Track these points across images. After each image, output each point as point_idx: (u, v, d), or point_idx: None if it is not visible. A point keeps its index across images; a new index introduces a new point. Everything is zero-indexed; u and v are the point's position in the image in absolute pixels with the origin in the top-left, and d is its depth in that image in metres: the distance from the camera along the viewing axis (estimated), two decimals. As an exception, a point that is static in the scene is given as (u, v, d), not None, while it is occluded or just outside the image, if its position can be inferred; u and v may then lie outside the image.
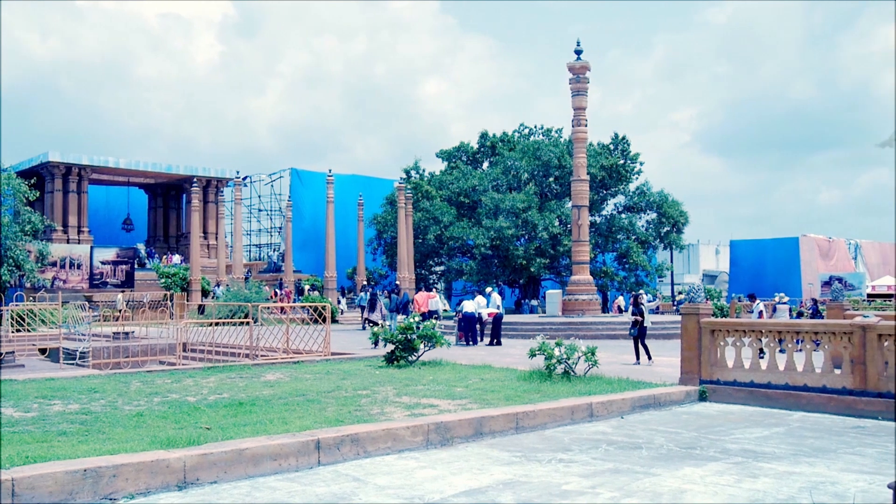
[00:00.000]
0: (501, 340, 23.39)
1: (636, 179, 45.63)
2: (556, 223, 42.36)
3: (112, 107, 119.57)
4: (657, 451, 8.60)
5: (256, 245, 62.92)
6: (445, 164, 49.91)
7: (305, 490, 6.93)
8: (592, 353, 13.28)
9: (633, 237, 44.34)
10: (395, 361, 15.84)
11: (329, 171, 45.95)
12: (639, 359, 17.15)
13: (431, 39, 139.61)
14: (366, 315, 28.21)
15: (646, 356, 17.19)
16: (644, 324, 17.48)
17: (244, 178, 55.21)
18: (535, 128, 49.96)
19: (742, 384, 12.36)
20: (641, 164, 45.65)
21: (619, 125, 79.59)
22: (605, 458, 8.22)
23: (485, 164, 49.31)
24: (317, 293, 42.33)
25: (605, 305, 40.12)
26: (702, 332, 12.90)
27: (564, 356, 13.30)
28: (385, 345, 16.84)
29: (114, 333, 23.07)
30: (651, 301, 37.25)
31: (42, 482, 6.19)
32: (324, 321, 19.11)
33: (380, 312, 25.35)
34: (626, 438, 9.36)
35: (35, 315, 26.86)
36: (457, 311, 25.40)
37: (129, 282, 42.44)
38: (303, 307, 25.42)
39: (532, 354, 13.72)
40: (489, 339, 23.42)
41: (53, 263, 39.97)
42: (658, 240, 45.52)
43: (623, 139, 45.51)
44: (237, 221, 46.53)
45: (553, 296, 31.82)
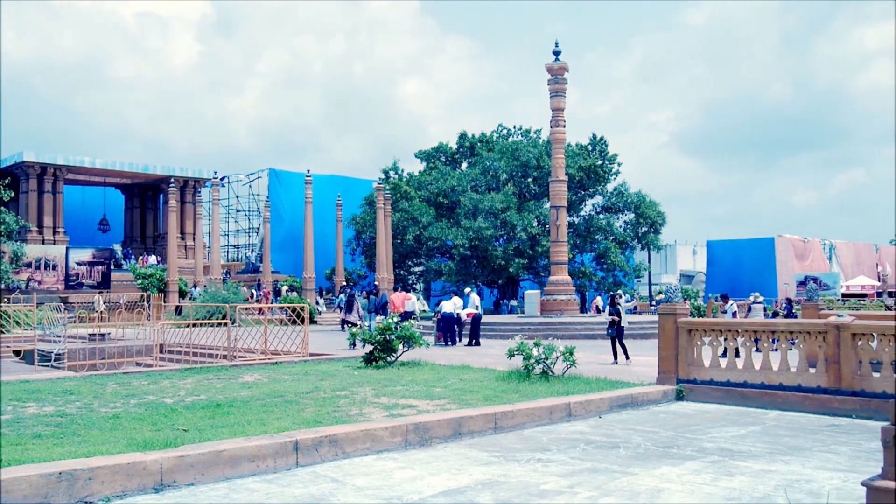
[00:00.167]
0: (480, 341, 23.41)
1: (614, 180, 45.84)
2: (535, 224, 42.46)
3: (88, 106, 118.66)
4: (635, 451, 8.64)
5: (234, 246, 62.65)
6: (424, 165, 49.89)
7: (283, 491, 6.91)
8: (570, 353, 13.33)
9: (611, 238, 44.51)
10: (374, 362, 15.81)
11: (307, 172, 45.81)
12: (616, 358, 17.23)
13: (411, 40, 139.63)
14: (343, 316, 28.13)
15: (623, 356, 17.27)
16: (621, 324, 17.58)
17: (222, 179, 54.95)
18: (514, 128, 50.06)
19: (719, 383, 12.45)
20: (619, 165, 45.86)
21: (598, 126, 79.79)
22: (583, 458, 8.25)
23: (464, 165, 49.34)
24: (295, 294, 42.20)
25: (584, 305, 40.29)
26: (679, 332, 12.98)
27: (543, 356, 13.34)
28: (363, 345, 16.81)
29: (90, 335, 22.87)
30: (628, 301, 37.45)
31: (16, 485, 6.12)
32: (302, 322, 19.05)
33: (357, 313, 25.29)
34: (604, 438, 9.40)
35: (9, 316, 26.58)
36: (435, 312, 25.40)
37: (106, 283, 42.06)
38: (281, 308, 25.32)
39: (510, 355, 13.75)
40: (468, 340, 23.43)
41: (28, 264, 39.53)
42: (636, 240, 45.72)
43: (601, 140, 45.67)
44: (215, 222, 46.29)
45: (531, 296, 31.89)
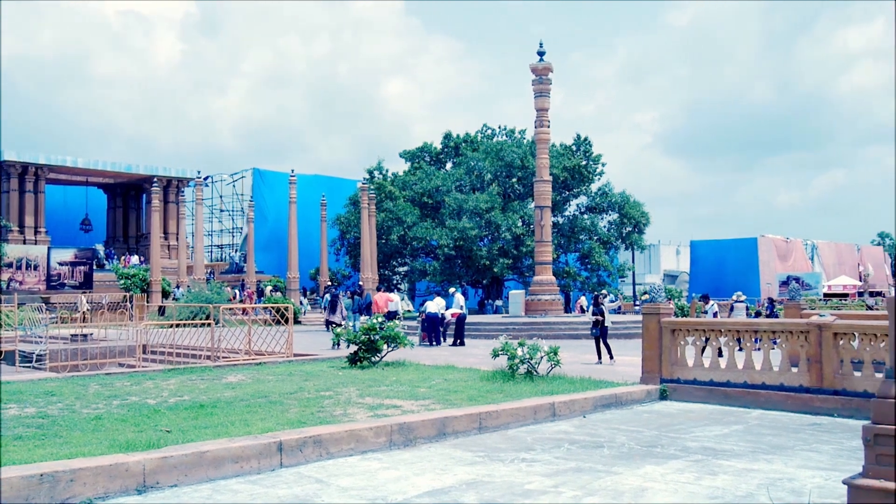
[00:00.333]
0: (465, 341, 23.41)
1: (598, 180, 45.96)
2: (519, 224, 42.51)
3: (70, 105, 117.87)
4: (619, 450, 8.67)
5: (218, 246, 62.36)
6: (409, 165, 49.85)
7: (267, 492, 6.88)
8: (555, 353, 13.35)
9: (595, 238, 44.63)
10: (359, 362, 15.78)
11: (292, 172, 45.67)
12: (600, 358, 17.27)
13: (395, 40, 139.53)
14: (326, 316, 28.06)
15: (608, 355, 17.32)
16: (605, 323, 17.62)
17: (205, 179, 54.68)
18: (499, 129, 50.09)
19: (702, 383, 12.51)
20: (603, 166, 45.98)
21: (582, 126, 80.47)
22: (568, 458, 8.27)
23: (448, 165, 49.34)
24: (279, 294, 42.06)
25: (568, 305, 40.35)
26: (662, 332, 13.03)
27: (527, 356, 13.36)
28: (348, 346, 16.77)
29: (72, 335, 22.71)
30: (612, 301, 37.56)
31: (-3, 487, 6.07)
32: (286, 322, 18.99)
33: (340, 314, 25.25)
34: (589, 437, 9.43)
35: (-10, 317, 26.32)
36: (420, 312, 25.39)
37: (88, 283, 41.75)
38: (265, 308, 25.23)
39: (495, 354, 13.76)
40: (452, 340, 23.43)
41: (9, 264, 39.18)
42: (620, 240, 45.88)
43: (585, 140, 45.77)
44: (198, 222, 46.02)
45: (516, 296, 31.92)
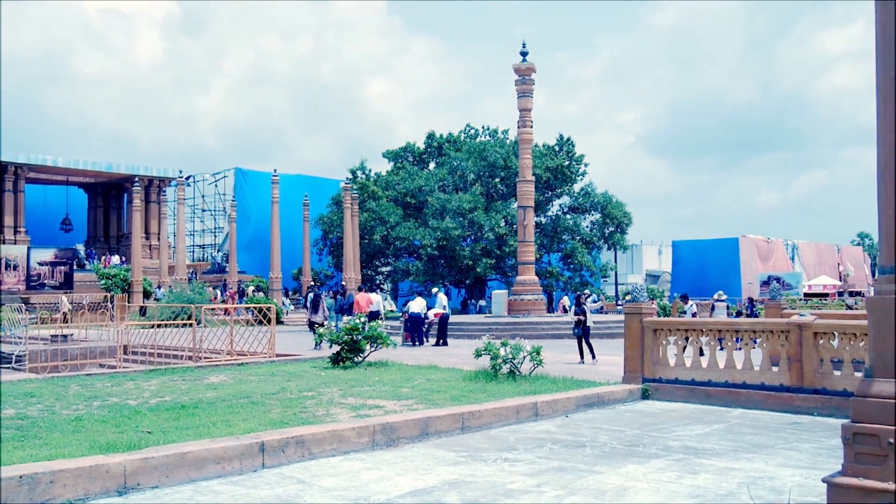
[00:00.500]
0: (448, 341, 23.42)
1: (581, 181, 46.04)
2: (502, 224, 42.54)
3: (51, 104, 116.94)
4: (601, 450, 8.70)
5: (200, 245, 62.07)
6: (392, 165, 49.77)
7: (249, 493, 6.86)
8: (538, 353, 13.38)
9: (578, 238, 44.72)
10: (341, 362, 15.75)
11: (274, 171, 45.51)
12: (583, 358, 17.32)
13: (378, 40, 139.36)
14: (309, 316, 27.96)
15: (590, 355, 17.37)
16: (587, 323, 17.67)
17: (187, 178, 54.39)
18: (482, 129, 50.09)
19: (684, 382, 12.57)
20: (586, 166, 46.07)
21: (565, 127, 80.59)
22: (550, 457, 8.29)
23: (431, 165, 49.29)
24: (261, 294, 41.90)
25: (551, 305, 40.43)
26: (644, 332, 13.09)
27: (510, 356, 13.37)
28: (330, 346, 16.74)
29: (52, 336, 22.52)
30: (595, 302, 37.66)
31: (-25, 489, 6.02)
32: (269, 322, 18.94)
33: (323, 314, 25.18)
34: (571, 437, 9.45)
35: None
36: (403, 312, 25.36)
37: (68, 283, 41.43)
38: (247, 308, 25.15)
39: (478, 354, 13.77)
40: (435, 340, 23.43)
41: (-11, 264, 38.85)
42: (602, 240, 45.99)
43: (568, 140, 45.86)
44: (180, 222, 45.83)
45: (499, 296, 31.96)
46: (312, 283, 43.42)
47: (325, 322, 23.07)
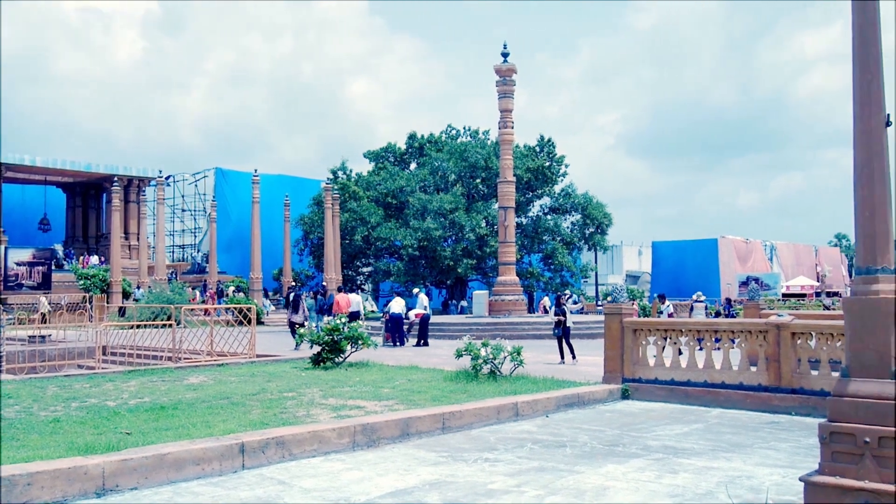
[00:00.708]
0: (429, 341, 23.42)
1: (561, 181, 46.21)
2: (483, 224, 42.61)
3: (29, 103, 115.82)
4: (581, 449, 8.74)
5: (180, 246, 61.71)
6: (373, 165, 49.73)
7: (229, 494, 6.83)
8: (518, 353, 13.41)
9: (559, 238, 44.86)
10: (322, 363, 15.71)
11: (255, 171, 45.37)
12: (563, 358, 17.37)
13: (359, 40, 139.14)
14: (289, 317, 27.86)
15: (570, 355, 17.41)
16: (567, 324, 17.72)
17: (167, 178, 54.10)
18: (463, 129, 50.14)
19: (663, 382, 12.64)
20: (567, 167, 46.27)
21: (546, 128, 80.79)
22: (531, 457, 8.32)
23: (412, 165, 49.30)
24: (242, 295, 41.75)
25: (531, 306, 40.56)
26: (624, 332, 13.15)
27: (491, 356, 13.40)
28: (311, 346, 16.69)
29: (29, 337, 22.29)
30: (575, 303, 37.81)
31: (-49, 492, 5.96)
32: (249, 323, 18.86)
33: (303, 314, 25.13)
34: (551, 437, 9.48)
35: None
36: (384, 313, 25.33)
37: (46, 283, 41.05)
38: (227, 309, 25.03)
39: (459, 355, 13.79)
40: (416, 340, 23.43)
41: (-35, 265, 38.44)
42: (583, 241, 46.16)
43: (549, 141, 46.01)
44: (160, 222, 45.54)
45: (480, 296, 31.99)
46: (293, 284, 43.32)
47: (306, 322, 23.00)
